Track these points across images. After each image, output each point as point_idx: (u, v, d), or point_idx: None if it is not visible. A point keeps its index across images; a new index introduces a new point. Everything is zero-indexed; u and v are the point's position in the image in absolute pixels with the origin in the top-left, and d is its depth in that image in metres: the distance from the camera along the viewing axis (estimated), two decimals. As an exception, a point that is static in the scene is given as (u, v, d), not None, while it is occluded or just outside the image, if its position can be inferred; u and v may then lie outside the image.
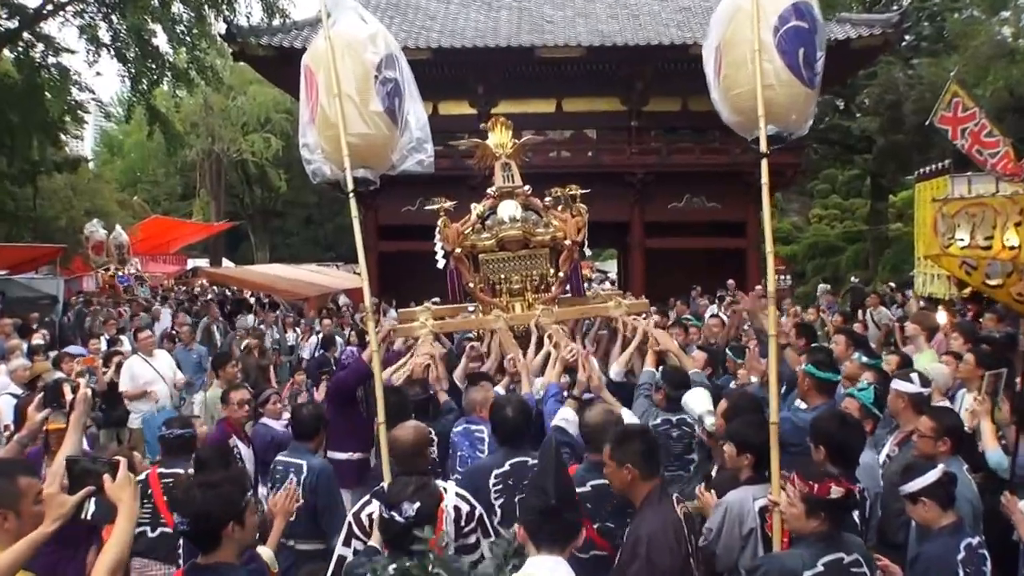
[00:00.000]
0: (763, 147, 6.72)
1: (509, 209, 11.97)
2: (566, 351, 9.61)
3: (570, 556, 4.95)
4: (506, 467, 7.42)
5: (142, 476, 7.53)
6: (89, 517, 5.11)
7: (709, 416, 8.02)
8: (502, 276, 12.25)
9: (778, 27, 6.65)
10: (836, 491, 5.63)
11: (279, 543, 7.07)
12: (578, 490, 6.00)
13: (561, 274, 12.15)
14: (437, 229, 12.03)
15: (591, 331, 12.90)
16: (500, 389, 9.47)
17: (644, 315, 11.94)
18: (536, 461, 6.53)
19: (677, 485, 8.16)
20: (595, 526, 6.49)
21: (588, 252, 13.74)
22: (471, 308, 12.73)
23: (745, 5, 6.77)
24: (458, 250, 12.03)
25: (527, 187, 12.26)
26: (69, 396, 6.72)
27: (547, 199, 12.44)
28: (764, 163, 6.85)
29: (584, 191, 12.45)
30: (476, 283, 12.21)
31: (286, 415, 10.76)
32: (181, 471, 7.91)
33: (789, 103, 6.75)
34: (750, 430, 7.11)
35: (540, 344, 10.82)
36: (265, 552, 6.15)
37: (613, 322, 11.61)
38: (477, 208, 12.33)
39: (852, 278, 33.93)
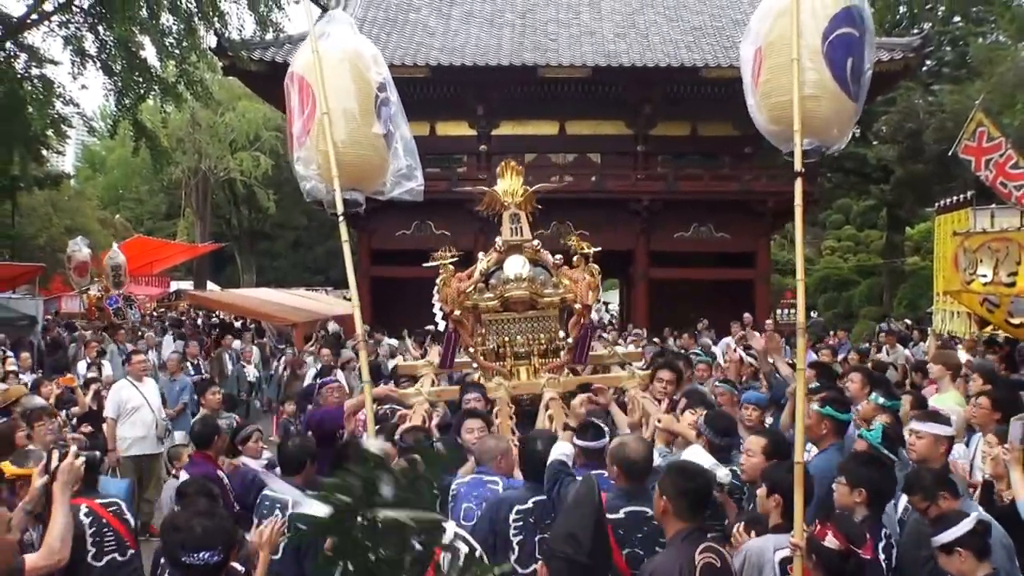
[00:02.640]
0: (797, 164, 6.54)
1: (516, 266, 11.54)
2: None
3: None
4: (529, 504, 7.32)
5: (85, 508, 7.27)
6: None
7: (719, 469, 7.89)
8: (506, 339, 11.94)
9: (828, 33, 6.52)
10: (831, 541, 5.70)
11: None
12: (611, 516, 6.30)
13: (570, 339, 11.89)
14: (435, 288, 11.92)
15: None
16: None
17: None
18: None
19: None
20: (624, 551, 6.53)
21: (597, 314, 13.55)
22: (474, 365, 12.54)
23: (787, 6, 6.61)
24: (457, 312, 11.68)
25: (536, 241, 11.94)
26: (55, 462, 6.51)
27: (557, 256, 12.31)
28: (798, 182, 6.69)
29: (593, 249, 12.34)
30: (477, 346, 11.94)
31: (267, 454, 10.59)
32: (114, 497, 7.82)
33: (833, 116, 6.61)
34: (781, 474, 6.97)
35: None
36: None
37: (622, 395, 11.27)
38: (481, 264, 11.98)
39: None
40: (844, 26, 6.53)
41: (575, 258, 12.02)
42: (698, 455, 7.78)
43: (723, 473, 7.80)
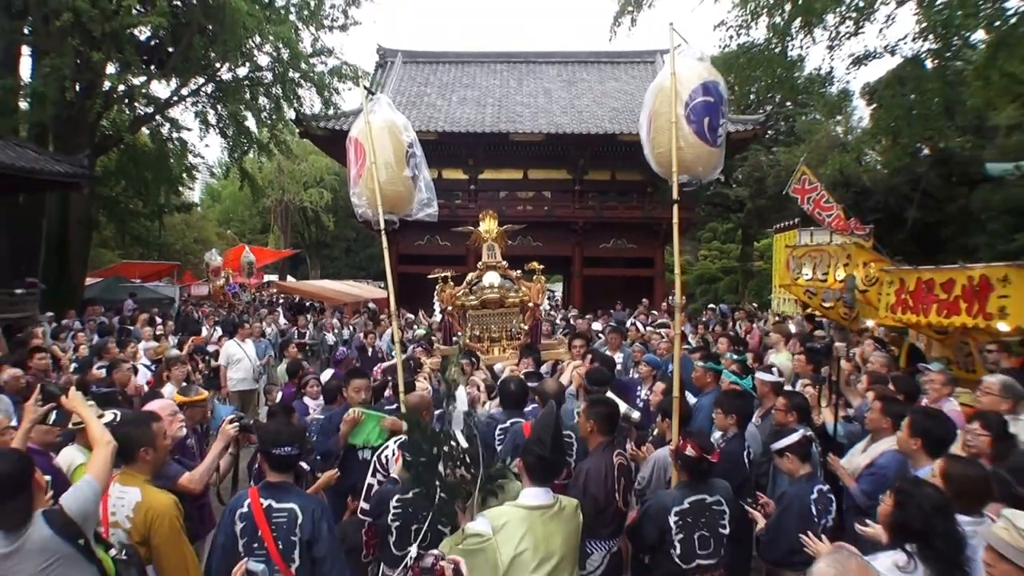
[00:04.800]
0: (675, 194, 6.78)
1: (491, 278, 12.68)
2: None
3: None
4: (508, 423, 7.50)
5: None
6: (52, 421, 5.80)
7: (633, 412, 8.29)
8: (484, 327, 12.74)
9: (688, 102, 6.68)
10: (690, 451, 5.86)
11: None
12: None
13: (525, 327, 12.51)
14: (435, 291, 12.60)
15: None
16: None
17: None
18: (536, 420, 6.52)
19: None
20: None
21: (547, 307, 13.98)
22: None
23: (666, 84, 6.82)
24: (450, 307, 12.74)
25: (505, 262, 12.85)
26: (231, 429, 6.47)
27: (519, 271, 12.79)
28: (676, 208, 6.88)
29: (540, 268, 12.90)
30: (464, 333, 12.61)
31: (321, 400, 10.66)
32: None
33: (695, 159, 6.76)
34: (668, 403, 7.40)
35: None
36: None
37: (560, 363, 11.62)
38: (469, 277, 12.93)
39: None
40: (701, 96, 6.72)
41: (532, 272, 12.67)
42: (619, 402, 8.02)
43: (635, 415, 8.12)
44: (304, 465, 6.73)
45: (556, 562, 4.69)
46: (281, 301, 39.44)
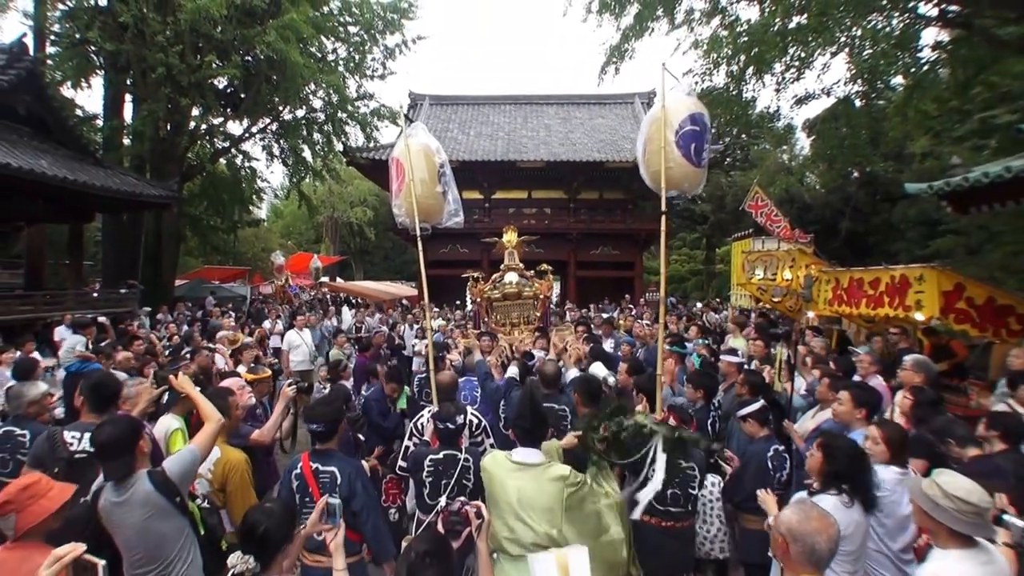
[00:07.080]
0: (663, 207, 6.72)
1: (511, 277, 13.10)
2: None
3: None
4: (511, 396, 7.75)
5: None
6: (164, 400, 6.49)
7: (610, 377, 8.36)
8: (506, 314, 13.07)
9: (678, 130, 6.67)
10: (671, 421, 6.08)
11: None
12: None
13: (538, 315, 12.98)
14: (468, 287, 13.43)
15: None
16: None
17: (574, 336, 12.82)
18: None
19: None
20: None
21: (555, 300, 14.38)
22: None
23: (659, 116, 6.80)
24: (479, 299, 13.19)
25: (522, 265, 13.26)
26: (290, 391, 6.56)
27: (532, 272, 13.09)
28: (664, 219, 6.85)
29: (549, 269, 13.56)
30: (490, 319, 13.07)
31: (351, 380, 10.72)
32: None
33: (682, 177, 6.72)
34: (645, 382, 7.54)
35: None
36: None
37: (566, 342, 11.80)
38: (493, 276, 13.36)
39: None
40: (689, 125, 6.71)
41: (543, 272, 13.03)
42: (598, 367, 8.07)
43: (612, 380, 8.18)
44: (361, 436, 7.09)
45: (539, 508, 4.85)
46: (343, 299, 39.56)
